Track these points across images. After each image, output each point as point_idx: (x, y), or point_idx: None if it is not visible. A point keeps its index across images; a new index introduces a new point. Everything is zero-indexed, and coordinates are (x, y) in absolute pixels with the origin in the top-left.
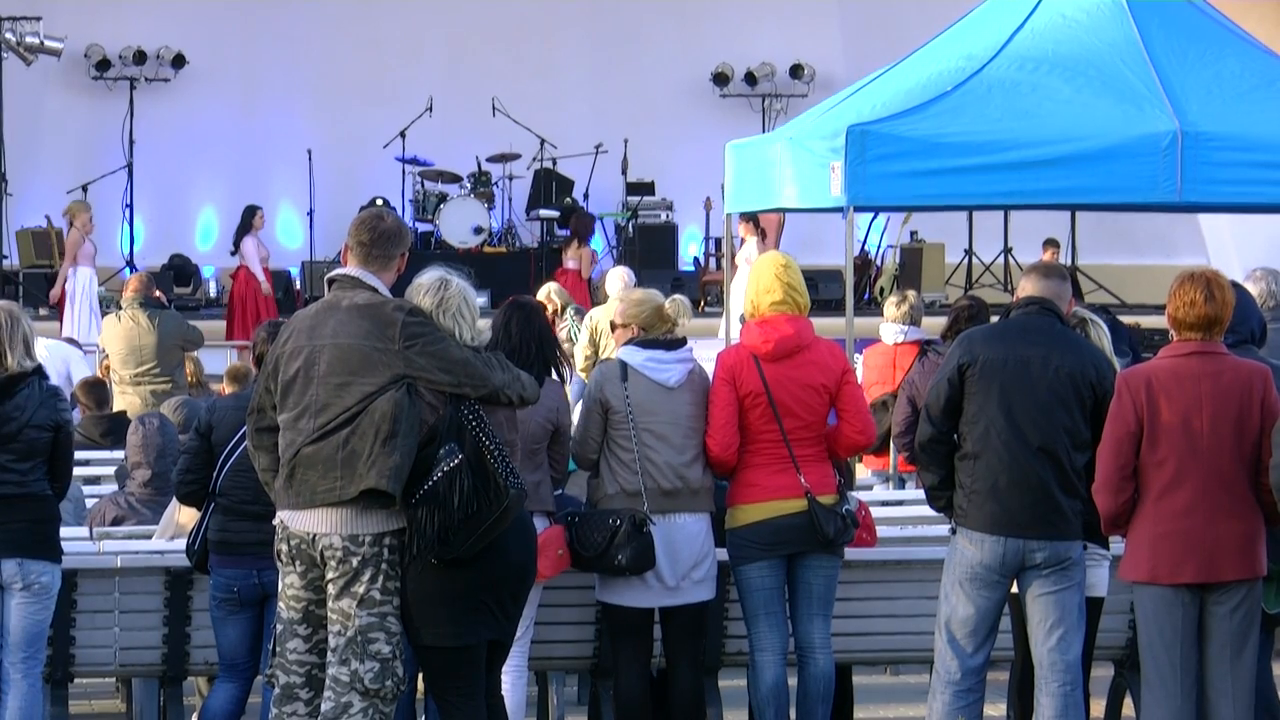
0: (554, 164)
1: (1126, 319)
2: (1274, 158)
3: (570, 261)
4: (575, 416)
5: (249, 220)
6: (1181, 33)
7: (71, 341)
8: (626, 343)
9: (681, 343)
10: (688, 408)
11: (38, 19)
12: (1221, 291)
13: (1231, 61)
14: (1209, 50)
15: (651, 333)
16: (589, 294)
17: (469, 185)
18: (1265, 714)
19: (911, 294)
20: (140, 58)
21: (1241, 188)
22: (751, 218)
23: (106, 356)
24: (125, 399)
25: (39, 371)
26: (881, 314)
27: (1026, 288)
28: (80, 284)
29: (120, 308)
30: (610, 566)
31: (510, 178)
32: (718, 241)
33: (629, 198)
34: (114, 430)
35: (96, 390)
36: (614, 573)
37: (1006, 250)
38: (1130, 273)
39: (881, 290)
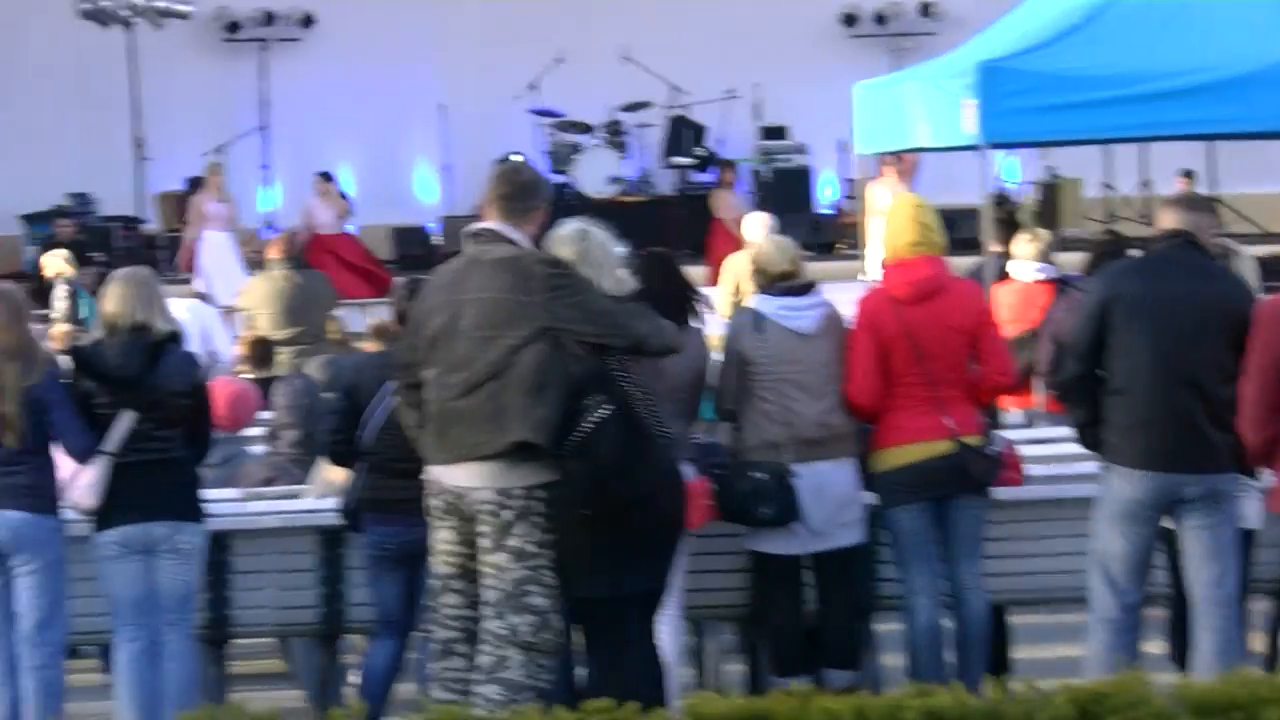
0: (686, 111)
1: (1267, 249)
2: None
3: (725, 211)
4: None
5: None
6: None
7: (202, 297)
8: (758, 291)
9: (812, 287)
10: (826, 353)
11: None
12: None
13: None
14: None
15: (769, 279)
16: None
17: (602, 135)
18: None
19: (1043, 232)
20: (270, 18)
21: None
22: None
23: (253, 319)
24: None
25: (176, 337)
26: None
27: (1168, 220)
28: (209, 247)
29: (265, 270)
30: (755, 520)
31: (643, 126)
32: (852, 183)
33: (762, 142)
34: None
35: (260, 349)
36: (758, 525)
37: (1145, 183)
38: (1271, 201)
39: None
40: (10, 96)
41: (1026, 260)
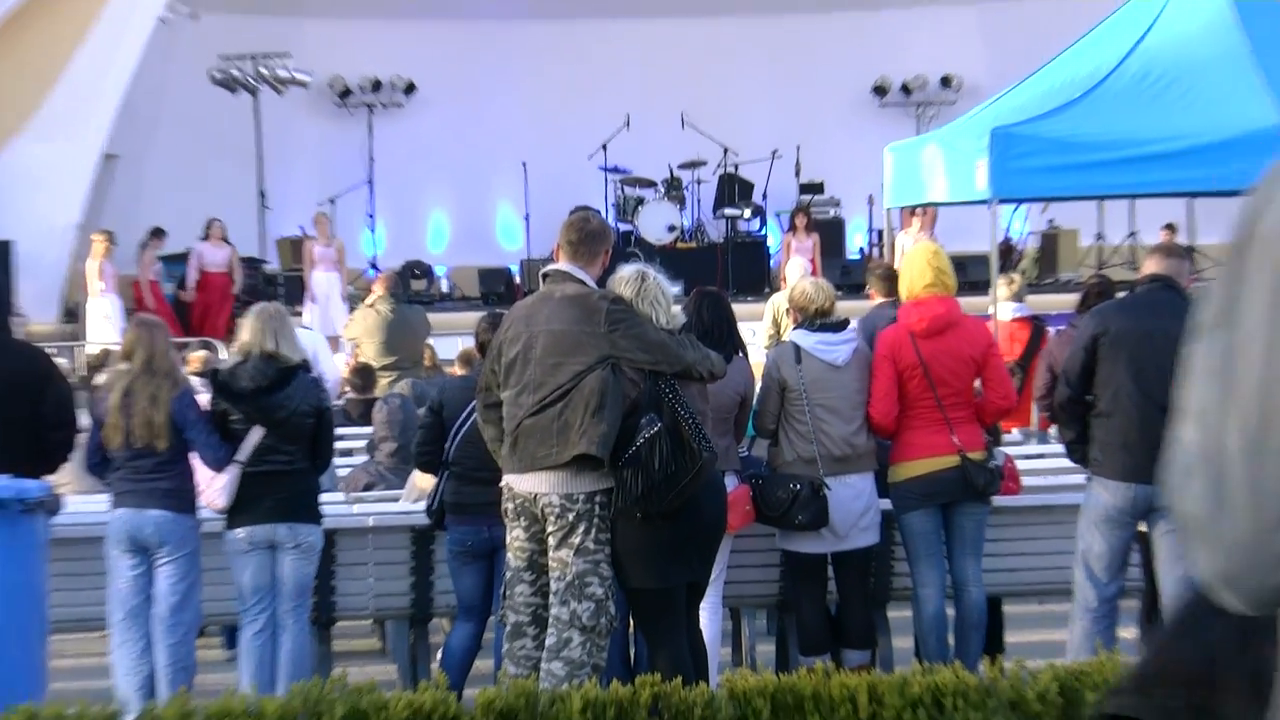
0: (736, 169)
1: None
2: None
3: (800, 254)
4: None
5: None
6: None
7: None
8: (796, 327)
9: (845, 324)
10: (855, 383)
11: (288, 55)
12: None
13: None
14: None
15: (807, 315)
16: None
17: (663, 189)
18: None
19: (1017, 276)
20: (376, 86)
21: None
22: (913, 210)
23: (358, 348)
24: (379, 385)
25: (305, 365)
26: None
27: (1151, 266)
28: (316, 285)
29: (371, 305)
30: (791, 524)
31: (698, 182)
32: (880, 233)
33: (801, 196)
34: (369, 414)
35: (365, 375)
36: (793, 529)
37: (1132, 234)
38: None
39: (1023, 272)
40: (152, 152)
41: (1005, 301)
